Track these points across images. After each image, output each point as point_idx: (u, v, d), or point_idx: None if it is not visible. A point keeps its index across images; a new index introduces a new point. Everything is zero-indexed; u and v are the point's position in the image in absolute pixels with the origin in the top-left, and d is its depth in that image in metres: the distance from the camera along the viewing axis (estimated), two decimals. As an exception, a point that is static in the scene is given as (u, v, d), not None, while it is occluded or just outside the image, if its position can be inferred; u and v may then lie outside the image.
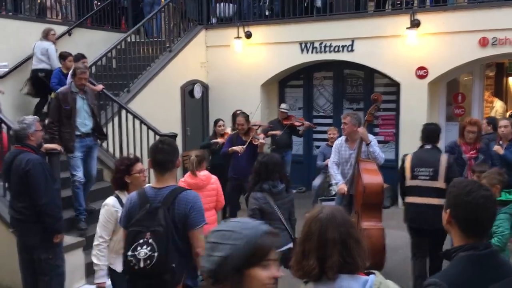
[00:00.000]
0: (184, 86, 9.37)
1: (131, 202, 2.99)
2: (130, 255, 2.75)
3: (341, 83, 9.50)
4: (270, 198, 4.07)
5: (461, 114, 8.76)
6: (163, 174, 2.98)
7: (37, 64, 7.72)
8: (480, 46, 7.69)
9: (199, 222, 2.90)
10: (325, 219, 1.88)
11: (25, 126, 4.31)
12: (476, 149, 5.43)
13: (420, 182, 4.75)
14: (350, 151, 5.54)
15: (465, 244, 1.91)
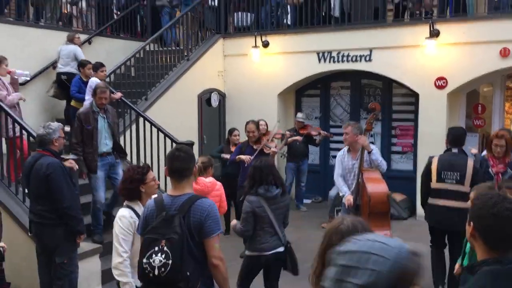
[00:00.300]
0: (201, 94, 9.42)
1: (149, 210, 3.00)
2: (145, 262, 2.76)
3: (358, 93, 9.45)
4: (264, 202, 4.14)
5: (481, 125, 8.63)
6: (180, 181, 2.98)
7: (62, 68, 7.98)
8: (501, 56, 7.58)
9: (215, 231, 2.89)
10: (346, 230, 1.85)
11: (51, 131, 4.44)
12: (505, 163, 4.92)
13: (446, 186, 4.91)
14: (352, 161, 5.51)
15: (489, 258, 1.86)
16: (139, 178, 3.45)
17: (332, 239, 1.84)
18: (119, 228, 3.32)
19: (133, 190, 3.45)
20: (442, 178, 4.96)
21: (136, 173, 3.48)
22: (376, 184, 5.15)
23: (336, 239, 1.83)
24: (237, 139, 7.49)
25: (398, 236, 5.56)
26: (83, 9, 9.71)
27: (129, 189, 3.46)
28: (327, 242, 1.86)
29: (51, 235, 4.32)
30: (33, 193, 4.38)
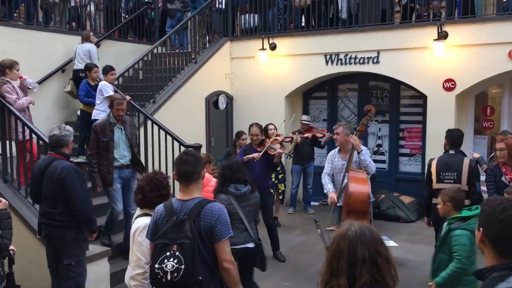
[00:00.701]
0: (208, 97, 9.45)
1: (158, 214, 3.00)
2: (157, 267, 2.76)
3: (366, 95, 9.43)
4: (234, 200, 4.32)
5: (490, 127, 8.58)
6: (189, 185, 2.99)
7: (78, 65, 8.09)
8: (510, 58, 7.54)
9: (225, 234, 2.89)
10: (354, 236, 1.84)
11: (68, 133, 4.48)
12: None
13: (445, 185, 5.02)
14: (343, 162, 5.59)
15: (498, 264, 1.85)
16: (167, 182, 3.38)
17: (340, 246, 1.84)
18: (145, 238, 3.09)
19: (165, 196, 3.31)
20: (441, 179, 5.25)
21: (163, 178, 3.36)
22: (359, 184, 5.24)
23: (344, 245, 1.83)
24: (244, 143, 7.45)
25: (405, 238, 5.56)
26: (92, 12, 9.77)
27: (162, 196, 3.28)
28: (335, 248, 1.85)
29: (60, 237, 4.35)
30: (46, 196, 4.40)
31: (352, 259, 1.80)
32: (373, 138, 9.40)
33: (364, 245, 1.81)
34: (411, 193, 8.61)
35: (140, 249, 3.12)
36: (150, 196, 3.27)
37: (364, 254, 1.79)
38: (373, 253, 1.80)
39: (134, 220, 3.33)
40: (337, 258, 1.83)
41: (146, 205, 3.30)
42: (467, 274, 3.65)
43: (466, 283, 3.69)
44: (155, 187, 3.28)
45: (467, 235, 3.67)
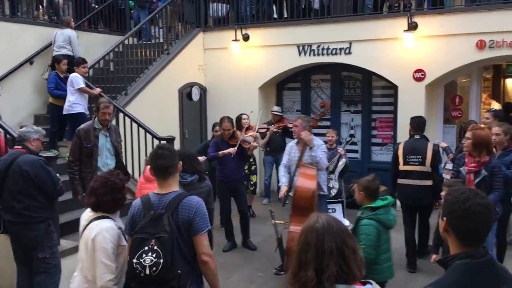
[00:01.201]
0: (182, 88, 9.37)
1: (136, 209, 2.97)
2: (135, 262, 2.74)
3: (338, 86, 9.51)
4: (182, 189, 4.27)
5: (458, 116, 8.78)
6: (166, 179, 2.97)
7: (58, 51, 8.00)
8: (478, 48, 7.70)
9: (203, 228, 2.89)
10: (321, 228, 1.87)
11: (32, 131, 4.58)
12: (479, 162, 4.76)
13: (411, 167, 5.72)
14: (299, 154, 5.61)
15: (461, 252, 1.90)
16: (123, 184, 3.15)
17: (308, 238, 1.87)
18: (108, 242, 2.92)
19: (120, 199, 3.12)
20: (407, 161, 5.76)
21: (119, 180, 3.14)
22: (306, 179, 5.26)
23: (312, 237, 1.85)
24: (218, 135, 7.46)
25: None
26: (60, 2, 9.54)
27: (117, 199, 3.08)
28: (303, 241, 1.88)
29: (32, 235, 4.33)
30: (11, 190, 4.33)
31: (320, 251, 1.83)
32: (346, 128, 9.51)
33: (331, 237, 1.84)
34: (383, 182, 8.62)
35: (106, 254, 2.90)
36: (104, 199, 3.04)
37: (332, 245, 1.83)
38: (340, 244, 1.84)
39: (88, 224, 3.04)
40: (305, 251, 1.85)
41: (100, 208, 3.06)
42: (376, 263, 3.74)
43: (376, 271, 3.76)
44: (110, 190, 3.05)
45: (373, 225, 3.75)
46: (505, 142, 5.25)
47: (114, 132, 5.65)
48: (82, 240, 3.02)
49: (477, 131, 4.80)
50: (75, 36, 8.20)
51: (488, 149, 4.74)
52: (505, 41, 7.51)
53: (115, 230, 2.98)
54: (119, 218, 3.14)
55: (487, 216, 1.92)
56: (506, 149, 5.23)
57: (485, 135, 4.77)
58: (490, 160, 4.73)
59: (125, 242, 3.02)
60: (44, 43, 8.56)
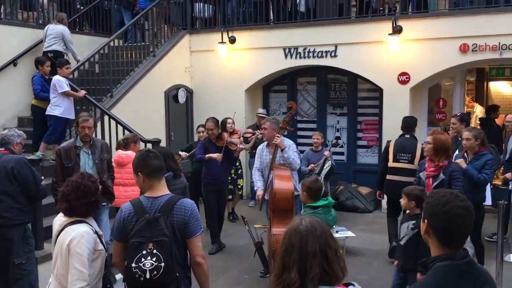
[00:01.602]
0: (168, 91, 9.35)
1: (127, 213, 2.91)
2: (134, 266, 2.71)
3: (324, 88, 9.57)
4: None
5: (442, 119, 8.88)
6: (161, 179, 2.96)
7: (48, 46, 7.94)
8: (461, 52, 7.81)
9: (198, 230, 2.91)
10: (305, 230, 1.88)
11: (15, 134, 4.71)
12: (438, 166, 4.73)
13: (400, 165, 6.00)
14: (270, 156, 5.63)
15: (442, 254, 1.93)
16: (96, 187, 3.07)
17: (291, 240, 1.88)
18: (84, 248, 2.83)
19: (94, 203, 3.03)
20: (397, 159, 6.03)
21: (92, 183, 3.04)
22: (283, 181, 5.28)
23: (296, 240, 1.87)
24: (200, 136, 7.47)
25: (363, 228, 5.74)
26: (45, 4, 9.45)
27: (90, 203, 2.99)
28: (287, 243, 1.90)
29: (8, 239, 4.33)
30: None
31: (303, 253, 1.85)
32: (331, 131, 9.56)
33: (315, 239, 1.86)
34: (368, 184, 8.83)
35: (80, 260, 2.80)
36: (76, 204, 2.93)
37: (315, 247, 1.84)
38: (324, 246, 1.86)
39: (63, 229, 2.93)
40: (289, 253, 1.87)
41: (73, 213, 2.96)
42: None
43: None
44: (83, 194, 2.94)
45: None
46: (476, 147, 5.31)
47: (100, 149, 5.20)
48: (57, 246, 2.93)
49: (437, 135, 4.81)
50: (68, 33, 8.13)
51: (447, 154, 4.75)
52: (487, 45, 7.63)
53: (91, 235, 2.90)
54: (94, 221, 3.09)
55: (468, 218, 1.95)
56: (477, 153, 5.29)
57: (445, 139, 4.79)
58: (449, 164, 4.74)
59: (102, 247, 2.98)
60: (29, 44, 8.47)
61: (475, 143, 5.29)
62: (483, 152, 5.29)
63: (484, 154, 5.27)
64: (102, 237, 3.04)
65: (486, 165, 5.22)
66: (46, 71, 7.23)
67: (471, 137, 5.29)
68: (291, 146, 5.62)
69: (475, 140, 5.29)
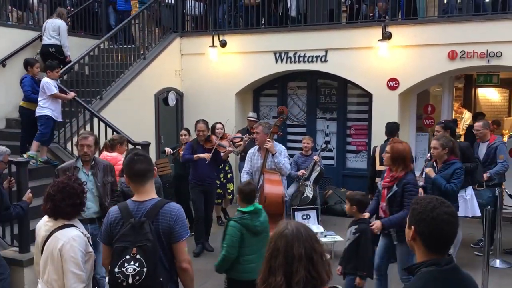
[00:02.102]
0: (158, 93, 9.33)
1: (113, 217, 2.91)
2: (117, 271, 2.71)
3: (314, 93, 9.61)
4: None
5: (430, 125, 8.95)
6: (144, 184, 2.93)
7: (47, 40, 8.14)
8: (449, 59, 7.90)
9: (184, 234, 2.89)
10: (291, 235, 1.91)
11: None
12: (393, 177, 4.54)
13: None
14: (261, 160, 5.64)
15: (427, 260, 1.96)
16: (82, 189, 3.06)
17: (277, 244, 1.91)
18: (77, 251, 2.84)
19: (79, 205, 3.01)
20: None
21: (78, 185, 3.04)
22: (273, 185, 5.33)
23: (282, 243, 1.89)
24: (184, 139, 7.43)
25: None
26: (35, 4, 9.39)
27: (76, 205, 2.97)
28: (273, 247, 1.92)
29: None
30: None
31: (289, 257, 1.87)
32: (321, 135, 9.60)
33: (300, 243, 1.89)
34: (357, 188, 8.76)
35: (76, 264, 2.83)
36: (62, 205, 2.93)
37: (301, 251, 1.87)
38: (309, 250, 1.88)
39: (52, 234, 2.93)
40: (275, 257, 1.90)
41: (59, 215, 2.96)
42: (239, 262, 3.93)
43: (239, 270, 3.96)
44: (68, 196, 2.94)
45: (237, 227, 3.93)
46: (445, 156, 5.19)
47: (103, 170, 4.75)
48: (46, 251, 2.92)
49: (394, 144, 4.63)
50: (65, 27, 8.27)
51: (404, 164, 4.52)
52: (475, 52, 7.72)
53: (82, 238, 2.91)
54: (80, 223, 3.08)
55: (454, 224, 1.99)
56: (446, 162, 5.19)
57: (402, 149, 4.56)
58: (405, 175, 4.49)
59: (91, 249, 2.99)
60: (17, 45, 8.42)
61: (442, 152, 5.17)
62: (452, 161, 5.18)
63: (453, 163, 5.16)
64: (89, 239, 3.04)
65: (454, 174, 5.10)
66: (35, 72, 7.18)
67: (438, 146, 5.17)
68: (282, 151, 5.63)
69: (442, 149, 5.16)
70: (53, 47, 8.09)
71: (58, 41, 8.14)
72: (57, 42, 8.14)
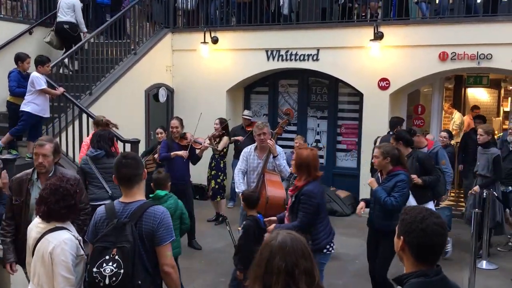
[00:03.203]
0: (148, 89, 9.26)
1: (99, 216, 2.94)
2: (95, 271, 2.70)
3: (306, 91, 9.60)
4: (91, 162, 5.13)
5: (420, 125, 9.00)
6: (131, 188, 2.93)
7: (62, 17, 8.55)
8: (440, 60, 7.92)
9: (167, 239, 2.86)
10: (276, 246, 1.90)
11: None
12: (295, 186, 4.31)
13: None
14: (258, 161, 5.55)
15: (416, 271, 1.96)
16: (76, 190, 2.96)
17: (262, 254, 1.92)
18: (68, 255, 2.77)
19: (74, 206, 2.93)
20: None
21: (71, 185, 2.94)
22: (276, 188, 5.28)
23: (265, 254, 1.90)
24: (159, 137, 7.32)
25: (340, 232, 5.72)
26: (24, -3, 9.28)
27: (70, 206, 2.89)
28: (259, 256, 1.93)
29: None
30: None
31: (269, 268, 1.87)
32: (312, 134, 9.61)
33: (282, 256, 1.87)
34: (347, 187, 8.91)
35: (66, 267, 2.76)
36: (56, 208, 2.84)
37: (281, 264, 1.86)
38: (290, 264, 1.87)
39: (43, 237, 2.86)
40: (259, 266, 1.90)
41: (53, 218, 2.88)
42: None
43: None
44: (62, 198, 2.85)
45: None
46: (388, 166, 4.67)
47: None
48: (37, 254, 2.87)
49: (299, 150, 4.37)
50: (79, 4, 8.71)
51: (308, 172, 4.21)
52: (466, 54, 7.76)
53: (73, 241, 2.85)
54: (72, 226, 3.03)
55: (443, 236, 1.99)
56: (390, 173, 4.67)
57: (305, 156, 4.23)
58: (306, 185, 4.18)
59: (83, 252, 2.95)
60: (6, 38, 8.32)
61: (383, 161, 4.64)
62: (395, 172, 4.64)
63: (396, 175, 4.62)
64: (81, 242, 3.00)
65: (396, 187, 4.58)
66: (25, 68, 7.08)
67: (379, 154, 4.66)
68: (281, 153, 5.57)
69: (383, 158, 4.64)
70: (67, 24, 8.49)
71: (72, 19, 8.53)
72: (71, 20, 8.52)
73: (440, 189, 5.89)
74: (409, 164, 5.24)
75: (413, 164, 5.48)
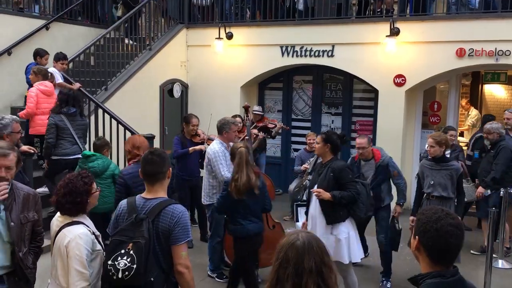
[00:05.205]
0: (163, 85, 9.30)
1: (121, 210, 3.00)
2: (110, 264, 2.75)
3: (320, 87, 9.56)
4: (66, 118, 5.76)
5: (436, 122, 8.90)
6: (153, 185, 2.97)
7: None
8: (457, 56, 7.82)
9: (182, 239, 2.86)
10: (302, 247, 1.89)
11: (1, 126, 4.31)
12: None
13: None
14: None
15: (432, 271, 1.94)
16: (87, 189, 2.99)
17: (288, 255, 1.89)
18: (82, 249, 2.81)
19: (80, 203, 2.97)
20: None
21: (83, 183, 2.99)
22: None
23: (292, 255, 1.88)
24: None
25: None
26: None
27: (76, 203, 2.94)
28: (283, 257, 1.90)
29: None
30: None
31: (299, 269, 1.85)
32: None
33: (311, 256, 1.87)
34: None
35: (80, 262, 2.80)
36: (62, 200, 2.92)
37: (311, 264, 1.85)
38: (319, 263, 1.87)
39: (61, 230, 2.91)
40: (284, 267, 1.88)
41: (60, 210, 2.97)
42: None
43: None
44: (69, 192, 2.92)
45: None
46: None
47: (22, 203, 3.14)
48: (55, 247, 2.95)
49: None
50: None
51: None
52: (484, 50, 7.64)
53: (88, 236, 2.89)
54: (90, 221, 3.08)
55: (459, 236, 1.96)
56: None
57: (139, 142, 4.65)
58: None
59: (100, 247, 2.99)
60: (23, 33, 8.39)
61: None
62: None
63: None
64: (99, 237, 3.06)
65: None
66: (43, 63, 7.14)
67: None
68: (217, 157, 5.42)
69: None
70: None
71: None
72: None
73: (357, 209, 4.62)
74: (322, 176, 4.60)
75: (327, 176, 4.58)
